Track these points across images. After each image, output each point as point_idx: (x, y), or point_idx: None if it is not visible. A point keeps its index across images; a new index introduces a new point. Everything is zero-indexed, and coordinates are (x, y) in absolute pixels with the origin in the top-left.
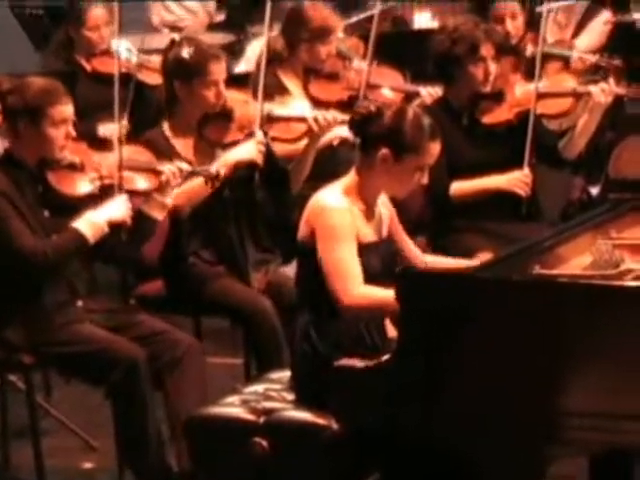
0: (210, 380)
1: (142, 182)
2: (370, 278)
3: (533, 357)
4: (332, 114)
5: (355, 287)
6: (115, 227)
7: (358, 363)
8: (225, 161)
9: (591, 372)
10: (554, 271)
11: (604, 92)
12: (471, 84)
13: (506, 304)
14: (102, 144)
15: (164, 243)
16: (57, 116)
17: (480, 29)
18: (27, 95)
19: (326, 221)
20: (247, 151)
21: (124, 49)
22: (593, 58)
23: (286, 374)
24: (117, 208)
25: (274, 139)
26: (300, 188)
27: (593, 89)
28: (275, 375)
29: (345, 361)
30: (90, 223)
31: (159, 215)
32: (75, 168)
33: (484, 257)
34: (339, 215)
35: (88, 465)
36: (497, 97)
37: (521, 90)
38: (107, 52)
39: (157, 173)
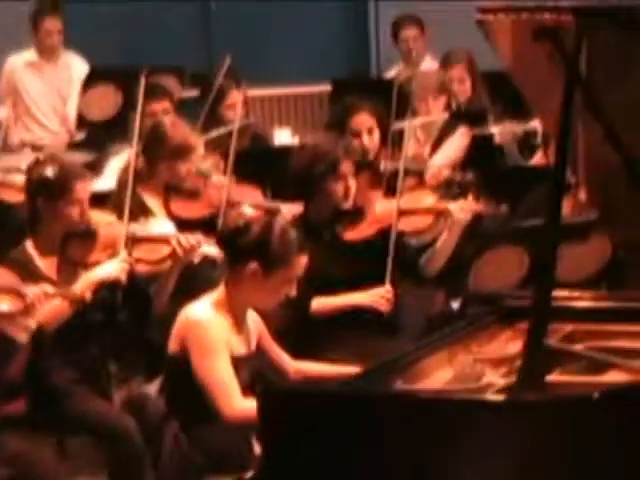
0: None
1: (6, 304)
2: (242, 391)
3: (396, 473)
4: (196, 237)
5: (236, 401)
6: None
7: None
8: (88, 280)
9: None
10: (416, 385)
11: (463, 210)
12: (331, 201)
13: (368, 420)
14: None
15: (26, 361)
16: None
17: (340, 146)
18: None
19: (198, 335)
20: (111, 270)
21: None
22: (446, 173)
23: None
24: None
25: (138, 260)
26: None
27: (452, 207)
28: None
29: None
30: None
31: (22, 338)
32: None
33: (345, 367)
34: (210, 328)
35: None
36: (357, 213)
37: (381, 206)
38: None
39: (21, 296)
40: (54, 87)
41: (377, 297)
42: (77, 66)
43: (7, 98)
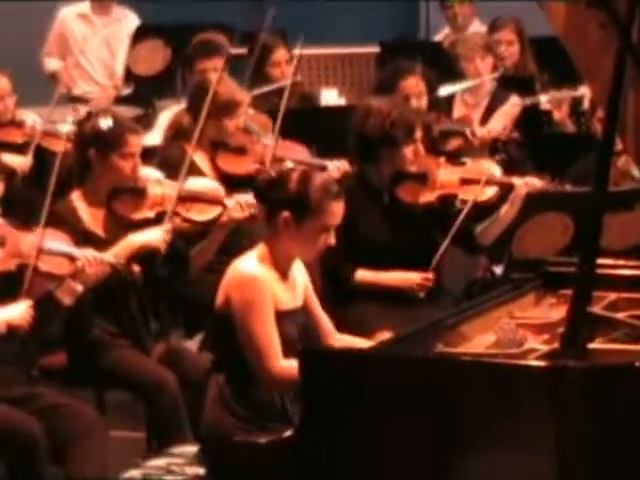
0: (112, 454)
1: (58, 266)
2: (287, 346)
3: (435, 435)
4: (247, 198)
5: (275, 363)
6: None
7: (261, 438)
8: (129, 243)
9: (491, 451)
10: (457, 349)
11: (527, 185)
12: (399, 163)
13: (408, 382)
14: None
15: (66, 316)
16: None
17: (413, 112)
18: None
19: (243, 292)
20: (153, 238)
21: (30, 119)
22: (493, 132)
23: (188, 448)
24: (16, 312)
25: (186, 220)
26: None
27: (517, 182)
28: (177, 449)
29: (248, 436)
30: None
31: (68, 300)
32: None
33: (384, 336)
34: (256, 285)
35: None
36: (421, 178)
37: (445, 174)
38: (12, 122)
39: (73, 259)
40: (104, 41)
41: (415, 283)
42: (129, 21)
43: (56, 49)
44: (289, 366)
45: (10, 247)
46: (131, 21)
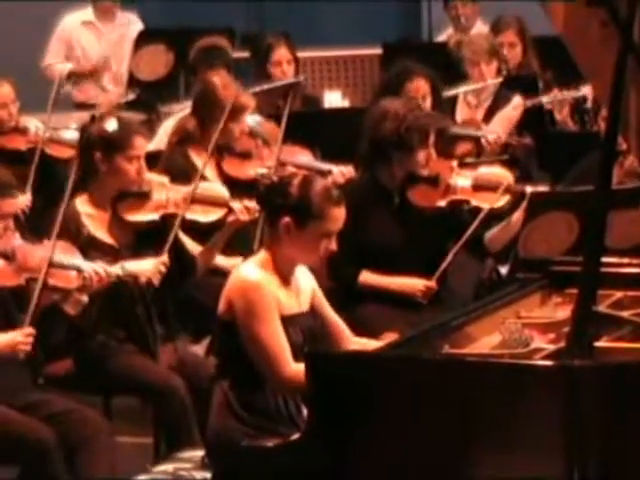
0: (120, 459)
1: (66, 280)
2: (293, 350)
3: (442, 436)
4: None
5: (286, 367)
6: None
7: (268, 442)
8: (124, 270)
9: (500, 450)
10: (463, 350)
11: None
12: (411, 167)
13: (415, 383)
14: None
15: (72, 322)
16: None
17: (427, 116)
18: None
19: (246, 298)
20: (147, 269)
21: (33, 125)
22: (504, 136)
23: (196, 453)
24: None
25: (191, 222)
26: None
27: (529, 189)
28: (185, 454)
29: (255, 440)
30: None
31: (74, 312)
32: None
33: (391, 337)
34: (258, 290)
35: None
36: (433, 181)
37: (457, 179)
38: (16, 129)
39: (80, 271)
40: (110, 47)
41: (418, 290)
42: (134, 26)
43: (60, 57)
44: (300, 369)
45: (21, 261)
46: (135, 26)
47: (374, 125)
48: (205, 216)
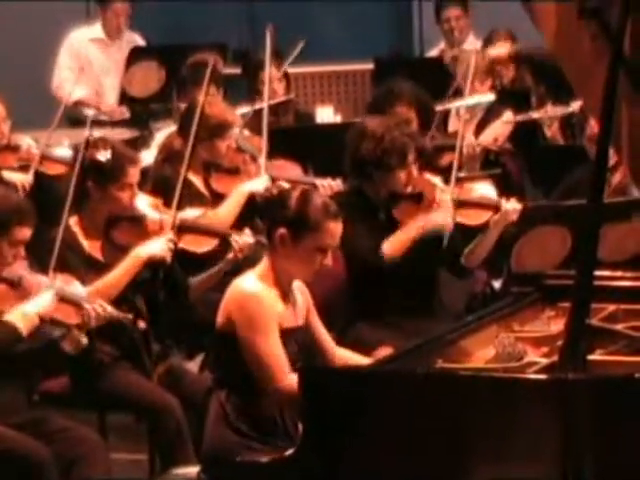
0: (115, 476)
1: (66, 314)
2: (290, 363)
3: (435, 450)
4: (248, 235)
5: (284, 379)
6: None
7: (263, 457)
8: (136, 256)
9: (494, 463)
10: (457, 365)
11: (515, 211)
12: (392, 186)
13: (409, 398)
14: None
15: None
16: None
17: (406, 135)
18: None
19: (245, 310)
20: (157, 248)
21: (25, 144)
22: (484, 142)
23: (191, 469)
24: (46, 301)
25: (182, 250)
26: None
27: (507, 206)
28: (180, 470)
29: (250, 455)
30: (23, 316)
31: (72, 351)
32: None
33: (385, 352)
34: (257, 302)
35: None
36: (417, 198)
37: (440, 194)
38: (7, 147)
39: (81, 309)
40: (118, 64)
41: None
42: (137, 43)
43: (71, 74)
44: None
45: (25, 290)
46: (139, 43)
47: (353, 144)
48: (195, 246)
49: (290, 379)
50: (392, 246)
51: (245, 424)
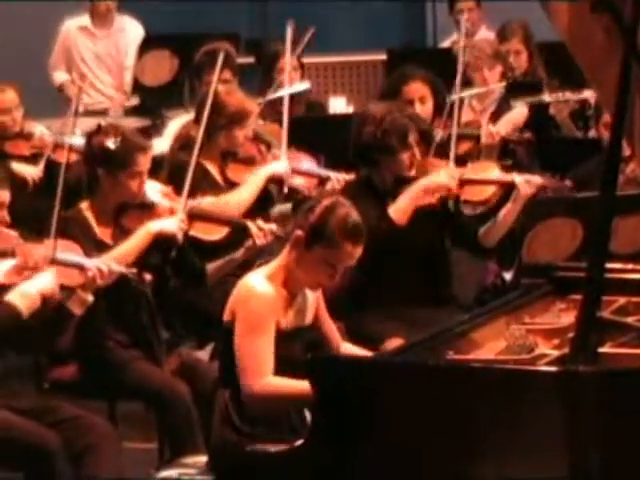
0: (124, 465)
1: (69, 277)
2: (292, 365)
3: (446, 442)
4: (270, 225)
5: (257, 380)
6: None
7: (272, 448)
8: (148, 230)
9: (504, 456)
10: (468, 356)
11: (529, 183)
12: (397, 169)
13: (419, 389)
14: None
15: (77, 327)
16: None
17: (407, 117)
18: None
19: (246, 306)
20: (169, 225)
21: (38, 131)
22: (503, 132)
23: (200, 459)
24: (47, 280)
25: (193, 238)
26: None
27: (518, 179)
28: (189, 459)
29: (259, 446)
30: (23, 295)
31: (79, 311)
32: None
33: (395, 343)
34: (259, 301)
35: None
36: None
37: (445, 175)
38: (20, 134)
39: (84, 270)
40: (107, 52)
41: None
42: (133, 30)
43: (61, 62)
44: (273, 385)
45: (22, 260)
46: (134, 30)
47: (356, 130)
48: (206, 234)
49: (264, 382)
50: (397, 209)
51: (248, 425)
